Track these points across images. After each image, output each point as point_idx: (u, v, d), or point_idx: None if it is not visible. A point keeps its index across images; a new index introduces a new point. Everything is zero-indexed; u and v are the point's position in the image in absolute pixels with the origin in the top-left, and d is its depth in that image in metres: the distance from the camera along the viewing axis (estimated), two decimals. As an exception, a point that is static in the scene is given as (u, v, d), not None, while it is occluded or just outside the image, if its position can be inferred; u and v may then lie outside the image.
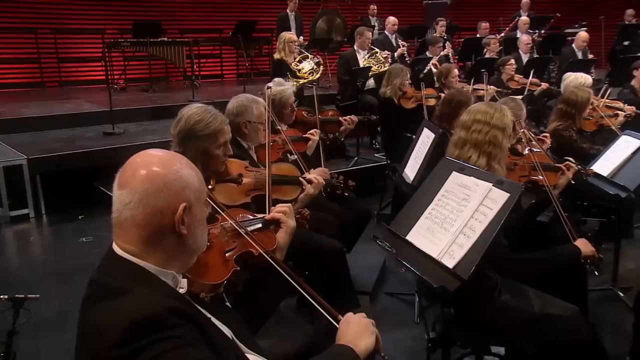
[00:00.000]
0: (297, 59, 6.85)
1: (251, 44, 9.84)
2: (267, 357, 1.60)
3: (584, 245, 2.76)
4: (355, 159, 6.45)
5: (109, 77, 8.73)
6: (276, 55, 6.92)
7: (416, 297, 3.85)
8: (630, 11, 11.67)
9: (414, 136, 4.21)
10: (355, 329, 1.49)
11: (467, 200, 2.22)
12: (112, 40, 8.67)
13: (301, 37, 8.98)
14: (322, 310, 1.56)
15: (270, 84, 3.96)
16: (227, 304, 1.65)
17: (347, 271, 3.36)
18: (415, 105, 5.62)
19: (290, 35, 6.91)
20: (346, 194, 3.20)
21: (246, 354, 1.51)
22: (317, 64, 6.95)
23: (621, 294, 4.02)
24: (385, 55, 7.27)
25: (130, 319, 1.18)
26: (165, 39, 8.72)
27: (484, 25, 10.01)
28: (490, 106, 2.90)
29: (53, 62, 9.80)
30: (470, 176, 2.30)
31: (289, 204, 1.99)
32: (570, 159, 3.51)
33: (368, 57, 7.09)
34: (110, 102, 6.61)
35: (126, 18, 9.52)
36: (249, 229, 1.77)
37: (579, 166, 3.48)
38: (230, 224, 1.75)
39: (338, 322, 1.54)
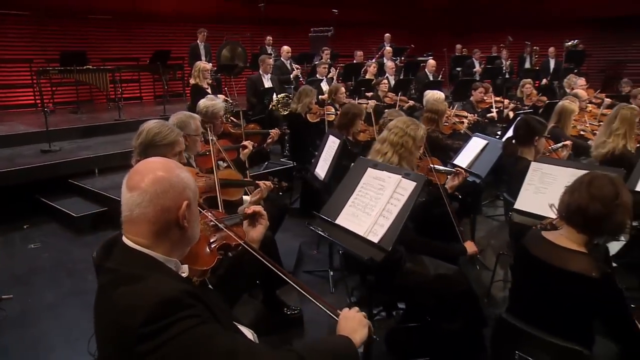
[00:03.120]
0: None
1: (167, 70, 9.55)
2: (245, 326, 1.60)
3: (470, 246, 2.95)
4: (266, 163, 6.42)
5: (39, 101, 8.16)
6: (192, 81, 6.82)
7: (329, 272, 3.95)
8: (458, 46, 12.62)
9: (318, 141, 4.30)
10: (352, 324, 1.49)
11: (382, 190, 2.30)
12: (41, 68, 8.06)
13: (210, 64, 8.83)
14: (307, 296, 1.56)
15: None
16: (210, 286, 1.63)
17: (279, 256, 3.37)
18: (319, 120, 5.69)
19: (204, 64, 6.85)
20: (280, 193, 3.22)
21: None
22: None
23: (478, 256, 4.35)
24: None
25: (154, 301, 1.16)
26: (90, 67, 8.27)
27: (359, 53, 10.30)
28: (411, 121, 3.06)
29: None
30: (383, 170, 2.39)
31: (260, 206, 1.98)
32: (461, 166, 3.66)
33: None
34: (47, 122, 6.12)
35: (53, 49, 8.90)
36: (227, 223, 1.76)
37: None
38: (212, 220, 1.73)
39: (336, 315, 1.55)
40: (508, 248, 3.63)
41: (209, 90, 6.64)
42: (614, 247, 3.12)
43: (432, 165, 3.40)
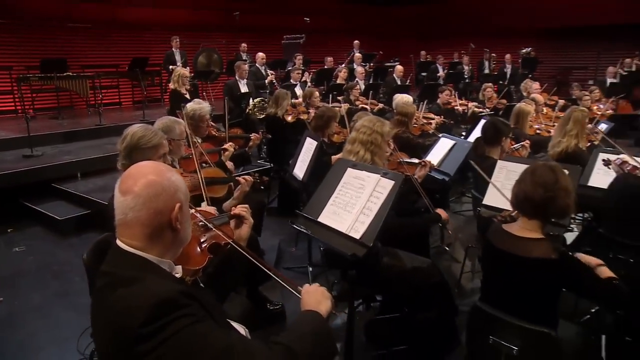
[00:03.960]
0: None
1: (145, 76, 9.40)
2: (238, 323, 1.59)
3: (442, 212, 3.02)
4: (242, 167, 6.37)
5: (20, 107, 7.88)
6: (171, 86, 6.75)
7: (309, 267, 3.94)
8: (423, 52, 12.78)
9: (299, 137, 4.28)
10: (316, 297, 1.48)
11: (362, 188, 2.30)
12: (22, 75, 7.82)
13: (188, 70, 8.73)
14: (283, 283, 1.55)
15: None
16: (201, 284, 1.61)
17: (262, 254, 3.35)
18: (294, 120, 5.68)
19: (183, 71, 6.82)
20: (262, 188, 3.21)
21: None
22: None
23: (447, 248, 4.41)
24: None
25: (152, 302, 1.14)
26: (71, 73, 8.05)
27: (330, 59, 10.32)
28: (376, 118, 3.10)
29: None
30: (362, 170, 2.39)
31: (247, 205, 1.96)
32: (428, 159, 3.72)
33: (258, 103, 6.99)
34: (28, 128, 5.93)
35: (33, 56, 8.59)
36: (215, 223, 1.74)
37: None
38: (201, 219, 1.70)
39: (299, 292, 1.53)
40: (476, 241, 3.69)
41: (187, 96, 6.58)
42: (569, 238, 3.25)
43: (401, 159, 3.50)
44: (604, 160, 3.24)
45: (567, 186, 1.97)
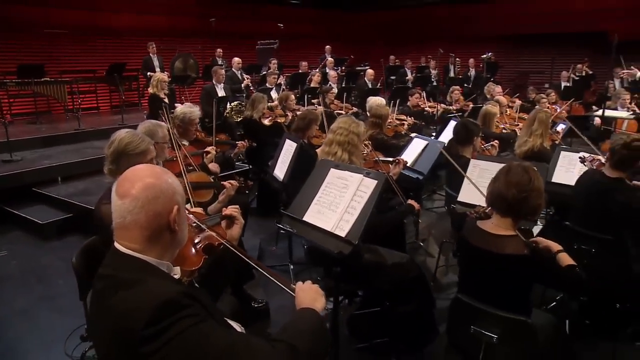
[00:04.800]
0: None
1: (123, 81, 9.18)
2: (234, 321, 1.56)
3: (413, 203, 3.04)
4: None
5: (-3, 112, 7.64)
6: (150, 90, 6.62)
7: (290, 266, 3.92)
8: (392, 57, 12.88)
9: (277, 139, 4.22)
10: (311, 295, 1.46)
11: (346, 188, 2.30)
12: (-1, 81, 7.55)
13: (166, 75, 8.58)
14: (276, 282, 1.53)
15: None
16: (196, 284, 1.57)
17: (245, 252, 3.30)
18: (272, 123, 5.64)
19: (162, 75, 6.68)
20: (247, 191, 3.17)
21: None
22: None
23: (421, 244, 4.46)
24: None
25: (154, 303, 1.11)
26: (48, 79, 7.81)
27: (304, 63, 10.28)
28: (351, 119, 3.10)
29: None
30: (345, 170, 2.39)
31: (237, 206, 1.92)
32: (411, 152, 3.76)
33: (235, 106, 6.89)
34: (7, 133, 5.72)
35: (10, 61, 8.30)
36: (208, 224, 1.71)
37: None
38: (194, 221, 1.67)
39: (292, 290, 1.50)
40: (450, 236, 3.74)
41: (166, 100, 6.47)
42: (534, 230, 3.32)
43: (376, 158, 3.54)
44: (580, 157, 3.30)
45: (540, 187, 2.00)
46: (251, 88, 8.37)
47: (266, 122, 5.57)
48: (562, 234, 2.84)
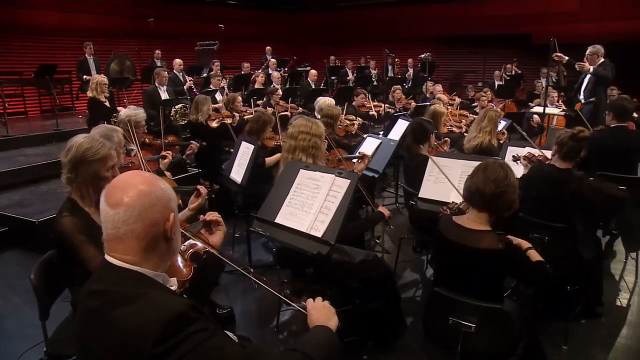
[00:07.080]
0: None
1: (55, 84, 8.58)
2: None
3: (384, 210, 3.05)
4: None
5: None
6: (89, 94, 6.23)
7: (249, 269, 3.84)
8: (332, 57, 13.02)
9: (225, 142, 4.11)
10: (324, 312, 1.44)
11: (318, 189, 2.30)
12: None
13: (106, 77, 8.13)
14: (286, 299, 1.48)
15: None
16: (184, 295, 1.50)
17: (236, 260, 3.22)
18: (219, 125, 5.51)
19: (101, 78, 6.30)
20: (213, 196, 3.06)
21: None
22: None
23: (377, 241, 4.51)
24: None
25: (162, 318, 1.04)
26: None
27: (247, 65, 10.14)
28: (308, 120, 3.05)
29: None
30: (315, 171, 2.39)
31: (217, 212, 1.85)
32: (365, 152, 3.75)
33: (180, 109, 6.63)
34: None
35: None
36: (192, 231, 1.63)
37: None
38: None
39: (304, 308, 1.48)
40: (409, 232, 3.82)
41: (106, 103, 6.16)
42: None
43: (339, 156, 3.52)
44: (513, 156, 3.49)
45: (515, 183, 2.09)
46: (194, 90, 8.15)
47: (213, 124, 5.44)
48: (516, 225, 2.99)
